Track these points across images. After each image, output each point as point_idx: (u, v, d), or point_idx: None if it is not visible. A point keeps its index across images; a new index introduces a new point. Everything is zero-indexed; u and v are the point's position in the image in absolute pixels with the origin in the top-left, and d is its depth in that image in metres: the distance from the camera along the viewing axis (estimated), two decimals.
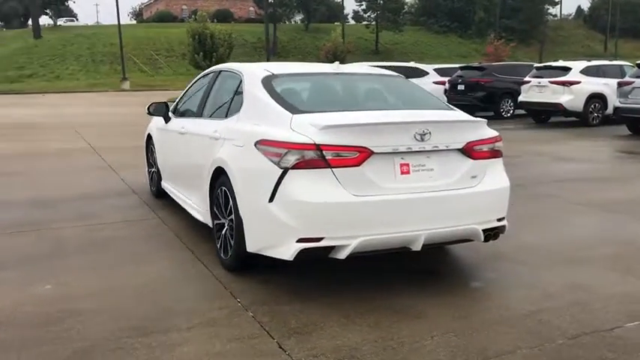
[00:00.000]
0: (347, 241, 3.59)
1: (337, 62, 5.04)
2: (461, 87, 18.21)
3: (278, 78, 4.44)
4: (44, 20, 60.25)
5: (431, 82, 16.48)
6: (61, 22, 60.71)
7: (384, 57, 49.85)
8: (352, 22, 69.24)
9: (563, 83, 15.42)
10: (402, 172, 3.77)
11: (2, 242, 5.11)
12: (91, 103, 25.84)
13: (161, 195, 6.51)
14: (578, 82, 15.30)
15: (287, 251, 3.62)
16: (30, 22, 54.12)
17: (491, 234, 4.12)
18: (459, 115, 4.28)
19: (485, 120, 4.20)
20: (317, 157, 3.57)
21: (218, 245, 4.42)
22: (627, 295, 3.95)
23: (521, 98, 16.42)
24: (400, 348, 3.18)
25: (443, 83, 16.89)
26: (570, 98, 15.20)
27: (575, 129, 14.94)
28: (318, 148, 3.57)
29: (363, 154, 3.63)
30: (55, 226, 5.60)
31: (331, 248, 3.62)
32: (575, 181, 8.18)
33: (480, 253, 4.79)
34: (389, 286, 4.07)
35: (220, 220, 4.37)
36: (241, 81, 4.60)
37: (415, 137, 3.74)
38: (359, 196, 3.61)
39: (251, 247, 3.90)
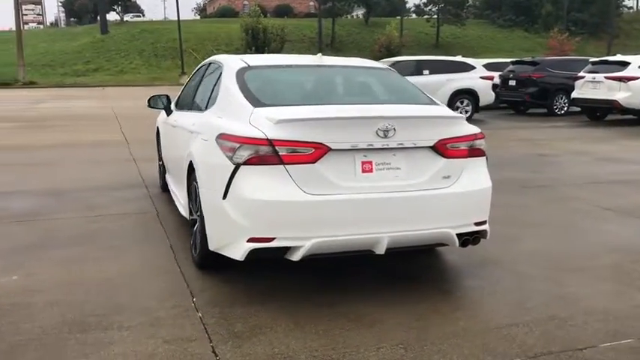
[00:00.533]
0: (300, 242, 3.40)
1: (320, 54, 4.81)
2: (512, 82, 17.51)
3: (252, 70, 4.28)
4: (112, 16, 62.55)
5: (477, 77, 15.87)
6: (127, 17, 62.78)
7: (444, 51, 48.73)
8: (414, 16, 68.14)
9: (619, 79, 14.49)
10: (364, 171, 3.54)
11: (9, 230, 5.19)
12: (145, 96, 26.41)
13: (167, 188, 6.49)
14: (636, 78, 14.34)
15: (238, 251, 3.47)
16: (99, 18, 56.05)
17: (470, 239, 3.83)
18: (435, 110, 3.99)
19: (463, 116, 3.91)
20: (269, 153, 3.39)
21: (191, 242, 4.33)
22: (616, 311, 3.58)
23: (574, 95, 15.57)
24: (340, 359, 2.97)
25: (491, 78, 16.21)
26: (627, 95, 14.26)
27: (631, 128, 14.05)
28: (270, 143, 3.39)
29: (319, 151, 3.42)
30: (55, 217, 5.67)
31: (286, 249, 3.44)
32: (612, 183, 7.61)
33: (471, 259, 4.49)
34: (357, 291, 3.85)
35: (193, 215, 4.27)
36: (221, 73, 4.47)
37: (377, 133, 3.50)
38: (314, 194, 3.41)
39: (211, 245, 3.78)
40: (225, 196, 3.50)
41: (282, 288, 3.90)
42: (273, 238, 3.40)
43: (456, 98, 15.63)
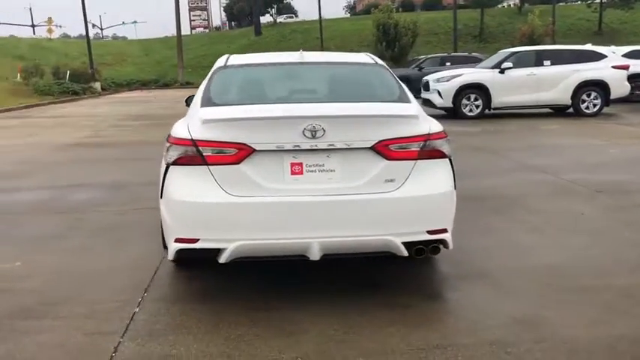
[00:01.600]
0: (224, 244, 3.35)
1: (301, 50, 4.65)
2: None
3: (226, 69, 4.30)
4: (267, 19, 65.71)
5: (608, 67, 14.28)
6: (280, 19, 65.55)
7: (608, 39, 44.43)
8: (580, 2, 62.74)
9: None
10: (293, 173, 3.39)
11: (35, 220, 5.75)
12: None
13: None
14: None
15: (169, 251, 3.51)
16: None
17: (425, 249, 3.50)
18: (381, 109, 3.67)
19: (416, 114, 3.55)
20: (194, 154, 3.39)
21: None
22: (578, 341, 3.07)
23: None
24: None
25: (625, 67, 14.50)
26: None
27: None
28: (194, 143, 3.39)
29: (243, 152, 3.34)
30: (94, 209, 6.12)
31: (217, 250, 3.41)
32: None
33: (459, 269, 4.12)
34: (305, 298, 3.71)
35: None
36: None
37: (304, 134, 3.33)
38: (237, 196, 3.34)
39: (165, 242, 3.86)
40: (161, 196, 3.56)
41: (236, 288, 3.88)
42: (197, 240, 3.39)
43: (581, 91, 14.22)
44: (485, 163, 8.42)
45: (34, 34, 70.73)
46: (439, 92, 14.62)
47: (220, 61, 4.50)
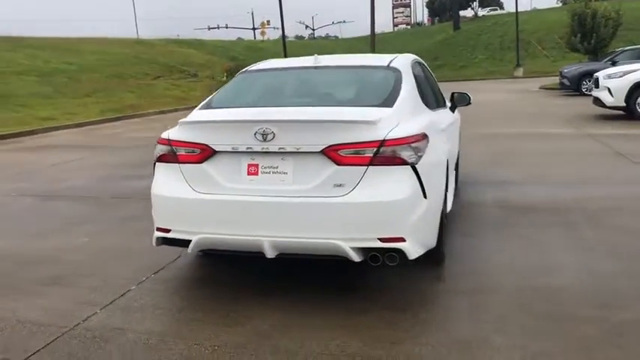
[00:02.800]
0: (189, 236, 3.67)
1: (315, 55, 4.69)
2: None
3: (246, 74, 4.62)
4: (469, 12, 63.89)
5: None
6: (483, 12, 63.33)
7: None
8: None
9: None
10: (249, 173, 3.57)
11: (136, 205, 6.60)
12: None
13: None
14: None
15: (153, 237, 3.91)
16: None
17: (379, 256, 3.45)
18: (338, 114, 3.65)
19: (373, 120, 3.46)
20: (170, 152, 3.76)
21: None
22: None
23: None
24: (157, 344, 3.23)
25: None
26: None
27: None
28: (169, 143, 3.75)
29: (205, 152, 3.62)
30: None
31: (186, 241, 3.75)
32: None
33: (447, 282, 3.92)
34: (280, 294, 3.88)
35: None
36: None
37: (256, 137, 3.49)
38: (201, 193, 3.63)
39: None
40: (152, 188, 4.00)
41: (230, 279, 4.18)
42: (170, 230, 3.76)
43: None
44: None
45: (254, 37, 77.59)
46: (609, 90, 13.12)
47: (251, 66, 4.82)
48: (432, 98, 5.05)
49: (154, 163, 3.90)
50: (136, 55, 36.18)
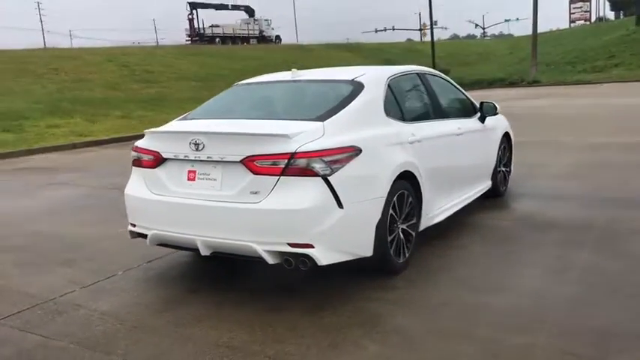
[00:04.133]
0: (147, 231, 4.22)
1: (293, 69, 4.92)
2: None
3: (235, 87, 5.10)
4: None
5: None
6: None
7: None
8: None
9: None
10: (188, 179, 4.02)
11: None
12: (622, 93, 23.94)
13: None
14: None
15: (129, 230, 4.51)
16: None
17: (291, 260, 3.71)
18: (257, 127, 4.01)
19: (287, 133, 3.69)
20: (137, 158, 4.34)
21: None
22: None
23: None
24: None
25: None
26: None
27: None
28: (136, 150, 4.33)
29: (157, 159, 4.15)
30: None
31: (145, 235, 4.29)
32: None
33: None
34: (232, 297, 4.28)
35: None
36: None
37: (191, 147, 3.92)
38: (155, 194, 4.16)
39: None
40: None
41: (209, 277, 4.64)
42: (135, 225, 4.34)
43: None
44: None
45: (420, 39, 77.04)
46: None
47: (243, 80, 5.30)
48: (421, 110, 5.12)
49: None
50: (292, 60, 38.21)
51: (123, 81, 25.98)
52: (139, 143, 4.36)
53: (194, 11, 49.39)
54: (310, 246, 3.65)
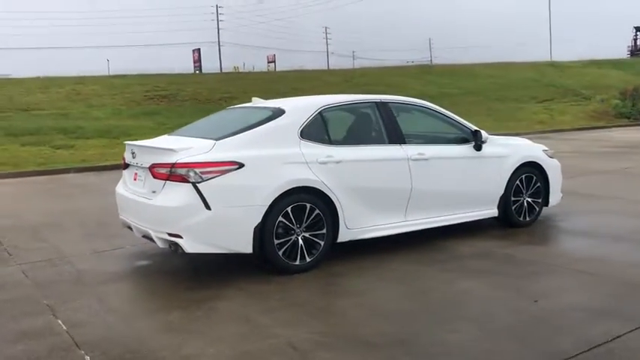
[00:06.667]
0: (121, 217, 5.59)
1: (254, 97, 5.71)
2: None
3: (223, 110, 6.23)
4: None
5: None
6: None
7: None
8: None
9: None
10: (134, 179, 5.27)
11: None
12: None
13: None
14: None
15: None
16: None
17: (173, 246, 4.75)
18: (162, 143, 5.20)
19: (173, 148, 4.75)
20: (123, 163, 5.74)
21: None
22: None
23: None
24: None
25: None
26: None
27: None
28: (123, 158, 5.73)
29: (125, 164, 5.49)
30: None
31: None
32: None
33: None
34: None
35: None
36: None
37: (132, 155, 5.19)
38: (124, 190, 5.50)
39: None
40: None
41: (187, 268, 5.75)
42: (120, 214, 5.75)
43: None
44: None
45: None
46: None
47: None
48: (359, 136, 5.83)
49: None
50: (535, 79, 36.62)
51: None
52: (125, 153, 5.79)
53: (638, 33, 60.09)
54: (179, 236, 4.62)
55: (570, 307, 4.04)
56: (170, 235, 4.68)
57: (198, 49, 56.31)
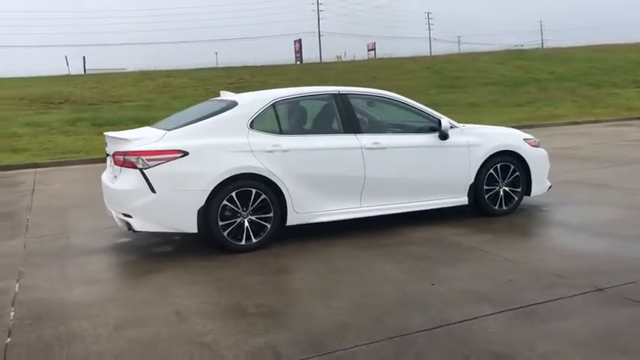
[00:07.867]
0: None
1: (222, 91, 6.11)
2: None
3: (206, 101, 6.78)
4: None
5: None
6: None
7: None
8: None
9: None
10: (109, 166, 5.93)
11: None
12: None
13: None
14: None
15: None
16: None
17: (127, 225, 5.36)
18: (125, 134, 5.70)
19: (128, 138, 5.31)
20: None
21: None
22: None
23: None
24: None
25: None
26: None
27: None
28: None
29: (106, 153, 6.19)
30: None
31: None
32: None
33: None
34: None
35: None
36: None
37: (105, 145, 5.87)
38: (105, 176, 6.20)
39: None
40: None
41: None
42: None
43: None
44: None
45: None
46: None
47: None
48: (311, 126, 6.12)
49: None
50: (639, 61, 34.11)
51: (425, 86, 27.88)
52: None
53: None
54: (129, 216, 5.23)
55: (456, 290, 4.18)
56: (124, 215, 5.31)
57: (299, 40, 57.93)
